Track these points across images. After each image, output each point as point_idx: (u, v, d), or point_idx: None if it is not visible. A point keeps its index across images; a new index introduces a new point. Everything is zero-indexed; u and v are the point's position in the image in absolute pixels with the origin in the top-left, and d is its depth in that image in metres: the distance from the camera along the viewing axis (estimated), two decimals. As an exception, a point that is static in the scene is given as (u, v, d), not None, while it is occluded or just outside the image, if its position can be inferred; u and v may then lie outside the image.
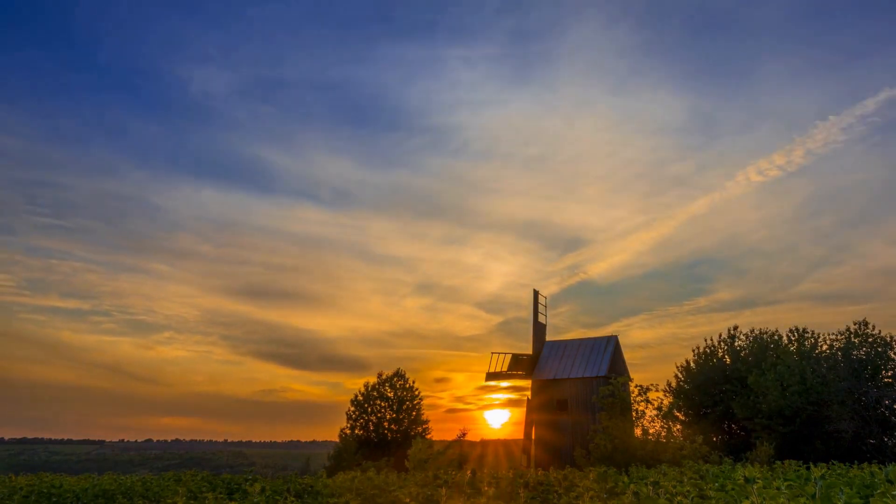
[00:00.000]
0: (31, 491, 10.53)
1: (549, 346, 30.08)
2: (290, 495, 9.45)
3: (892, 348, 24.65)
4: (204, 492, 10.03)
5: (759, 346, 30.40)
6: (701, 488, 6.93)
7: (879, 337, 25.04)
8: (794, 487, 4.92)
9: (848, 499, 4.09)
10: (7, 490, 10.76)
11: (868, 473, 10.02)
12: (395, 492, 9.31)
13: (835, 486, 4.51)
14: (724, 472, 10.16)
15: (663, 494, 6.48)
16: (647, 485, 8.18)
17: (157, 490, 10.84)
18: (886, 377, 24.51)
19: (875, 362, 24.58)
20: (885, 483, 7.11)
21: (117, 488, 11.24)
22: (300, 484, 11.02)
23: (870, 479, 8.06)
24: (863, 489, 6.35)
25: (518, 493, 9.85)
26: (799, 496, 4.66)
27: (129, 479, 13.05)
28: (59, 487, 11.03)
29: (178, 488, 10.51)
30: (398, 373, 36.33)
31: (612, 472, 10.85)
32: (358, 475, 12.99)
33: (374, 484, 10.85)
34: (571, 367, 27.93)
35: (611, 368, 27.03)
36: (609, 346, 28.06)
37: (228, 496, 9.69)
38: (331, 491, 10.46)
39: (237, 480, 12.18)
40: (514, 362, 29.09)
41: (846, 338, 25.81)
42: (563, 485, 10.20)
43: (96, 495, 10.71)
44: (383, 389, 35.30)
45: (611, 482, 8.71)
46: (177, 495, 9.61)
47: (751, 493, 4.73)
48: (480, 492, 10.12)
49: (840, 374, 24.24)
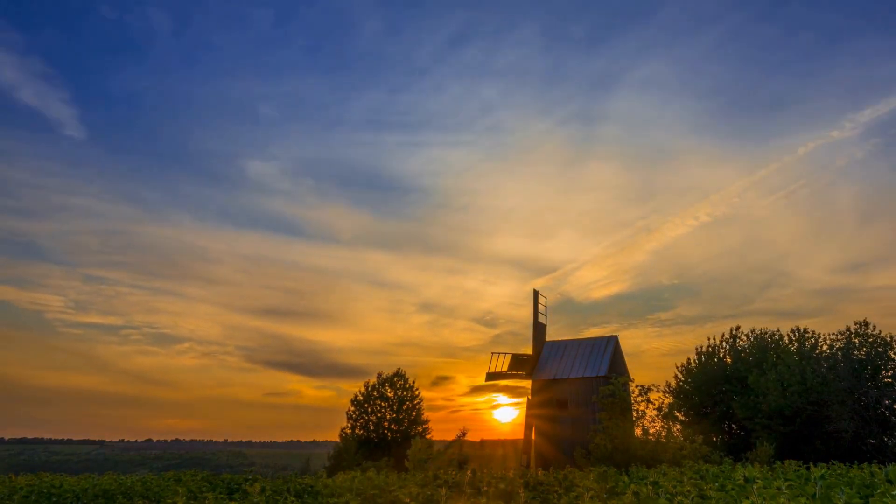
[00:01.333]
0: (31, 491, 10.52)
1: (549, 346, 30.07)
2: (290, 495, 9.44)
3: (892, 348, 24.65)
4: (204, 492, 10.02)
5: (760, 346, 30.40)
6: (701, 488, 6.93)
7: (879, 337, 25.04)
8: (794, 487, 4.92)
9: (848, 499, 4.08)
10: (7, 490, 10.76)
11: (868, 473, 10.02)
12: (395, 492, 9.31)
13: (835, 486, 4.51)
14: (724, 472, 10.16)
15: (663, 494, 6.48)
16: (647, 485, 8.18)
17: (157, 490, 10.83)
18: (886, 377, 24.50)
19: (875, 362, 24.57)
20: (885, 483, 7.10)
21: (117, 488, 11.23)
22: (300, 484, 11.02)
23: (870, 479, 8.05)
24: (863, 489, 6.35)
25: (518, 493, 9.85)
26: (799, 496, 4.65)
27: (129, 479, 13.04)
28: (59, 487, 11.02)
29: (178, 488, 10.50)
30: (398, 373, 36.28)
31: (612, 472, 10.86)
32: (358, 475, 12.99)
33: (374, 484, 10.85)
34: (571, 367, 27.92)
35: (611, 368, 27.02)
36: (609, 346, 28.05)
37: (228, 496, 9.69)
38: (331, 491, 10.45)
39: (237, 480, 12.17)
40: (515, 362, 29.09)
41: (846, 338, 25.81)
42: (563, 485, 10.20)
43: (96, 495, 10.70)
44: (383, 389, 35.27)
45: (611, 482, 8.70)
46: (177, 495, 9.61)
47: (751, 493, 4.72)
48: (480, 492, 10.12)
49: (840, 374, 24.23)
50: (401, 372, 36.28)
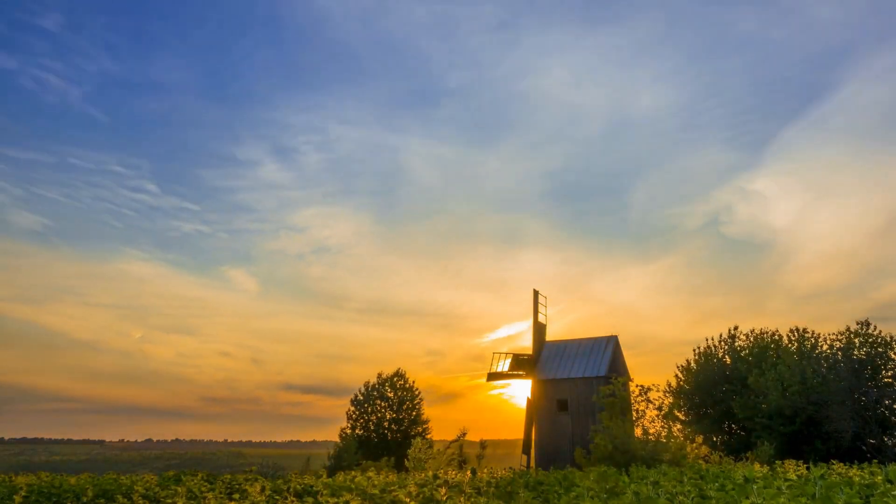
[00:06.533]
0: (31, 491, 10.51)
1: (550, 346, 30.08)
2: (290, 495, 9.44)
3: (892, 348, 24.65)
4: (204, 492, 10.02)
5: (760, 346, 30.40)
6: (701, 488, 6.92)
7: (879, 337, 25.03)
8: (794, 487, 4.92)
9: (848, 499, 4.08)
10: (7, 490, 10.74)
11: (868, 473, 10.02)
12: (395, 492, 9.30)
13: (835, 486, 4.51)
14: (724, 472, 10.15)
15: (663, 494, 6.48)
16: (647, 485, 8.17)
17: (157, 490, 10.82)
18: (886, 377, 24.51)
19: (875, 362, 24.58)
20: (885, 483, 7.10)
21: (117, 488, 11.21)
22: (300, 484, 11.02)
23: (870, 479, 8.05)
24: (863, 489, 6.35)
25: (518, 493, 9.85)
26: (799, 496, 4.66)
27: (129, 479, 13.02)
28: (59, 487, 11.01)
29: (178, 488, 10.49)
30: (398, 373, 36.27)
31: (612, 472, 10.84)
32: (358, 475, 12.98)
33: (373, 484, 10.84)
34: (571, 367, 27.93)
35: (611, 368, 27.03)
36: (609, 346, 28.06)
37: (228, 496, 9.69)
38: (331, 491, 10.44)
39: (237, 480, 12.17)
40: (515, 363, 29.10)
41: (846, 338, 25.81)
42: (564, 484, 10.19)
43: (96, 495, 10.68)
44: (383, 389, 35.26)
45: (611, 482, 8.70)
46: (177, 495, 9.60)
47: (751, 493, 4.72)
48: (480, 492, 10.12)
49: (840, 374, 24.23)
50: (401, 372, 36.27)
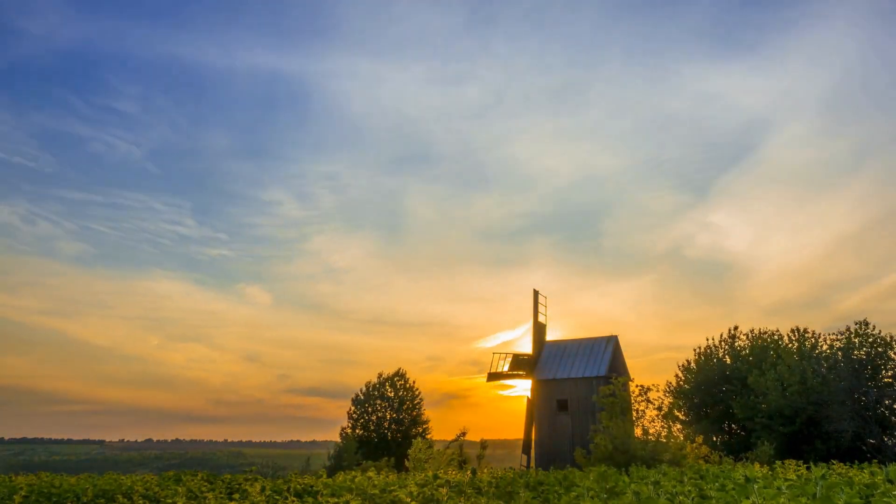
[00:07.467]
0: (31, 491, 10.50)
1: (550, 346, 30.07)
2: (290, 495, 9.44)
3: (892, 348, 24.65)
4: (204, 492, 10.01)
5: (760, 346, 30.40)
6: (701, 488, 6.92)
7: (879, 337, 25.03)
8: (794, 487, 4.92)
9: (848, 499, 4.08)
10: (7, 490, 10.73)
11: (868, 473, 10.02)
12: (395, 492, 9.29)
13: (835, 486, 4.50)
14: (724, 472, 10.15)
15: (663, 494, 6.47)
16: (647, 485, 8.17)
17: (157, 490, 10.80)
18: (886, 377, 24.51)
19: (875, 362, 24.58)
20: (885, 483, 7.10)
21: (117, 488, 11.20)
22: (300, 484, 11.01)
23: (870, 479, 8.05)
24: (863, 489, 6.34)
25: (518, 493, 9.84)
26: (799, 496, 4.65)
27: (129, 479, 13.01)
28: (59, 487, 11.00)
29: (178, 488, 10.48)
30: (398, 372, 36.25)
31: (612, 472, 10.84)
32: (358, 475, 12.97)
33: (374, 484, 10.83)
34: (571, 367, 27.93)
35: (611, 368, 27.02)
36: (609, 346, 28.05)
37: (228, 496, 9.68)
38: (331, 491, 10.44)
39: (237, 480, 12.15)
40: (515, 363, 29.09)
41: (846, 338, 25.81)
42: (564, 484, 10.19)
43: (96, 495, 10.67)
44: (384, 389, 35.25)
45: (611, 482, 8.69)
46: (177, 495, 9.60)
47: (751, 493, 4.72)
48: (481, 492, 10.11)
49: (840, 374, 24.23)
50: (401, 371, 36.26)
